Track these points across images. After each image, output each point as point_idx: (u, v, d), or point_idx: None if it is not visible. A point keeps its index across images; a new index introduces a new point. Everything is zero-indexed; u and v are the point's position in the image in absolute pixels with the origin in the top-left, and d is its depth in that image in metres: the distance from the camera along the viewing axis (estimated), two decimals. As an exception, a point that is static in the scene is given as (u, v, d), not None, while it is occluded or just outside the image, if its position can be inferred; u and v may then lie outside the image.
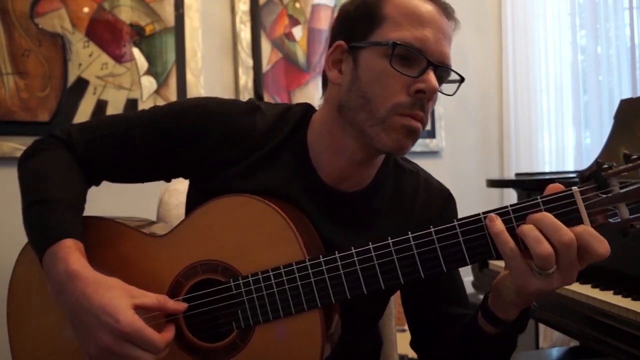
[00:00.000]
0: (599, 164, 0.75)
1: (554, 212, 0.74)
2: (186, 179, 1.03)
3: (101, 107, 2.17)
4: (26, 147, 1.00)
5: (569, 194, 0.75)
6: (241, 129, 0.95)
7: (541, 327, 2.44)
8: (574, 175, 1.79)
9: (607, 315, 1.25)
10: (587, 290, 1.36)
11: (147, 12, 2.26)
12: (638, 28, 2.47)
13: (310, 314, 0.84)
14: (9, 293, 0.99)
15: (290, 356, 0.85)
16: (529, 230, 0.73)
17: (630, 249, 1.36)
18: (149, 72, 2.26)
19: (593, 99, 2.62)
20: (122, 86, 2.21)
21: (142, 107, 2.22)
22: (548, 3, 2.82)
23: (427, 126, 2.97)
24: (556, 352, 2.11)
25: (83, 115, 2.13)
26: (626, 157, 0.74)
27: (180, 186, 1.36)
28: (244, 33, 2.43)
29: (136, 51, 2.24)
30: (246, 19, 2.44)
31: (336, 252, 0.84)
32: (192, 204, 1.00)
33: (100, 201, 0.98)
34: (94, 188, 1.02)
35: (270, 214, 0.87)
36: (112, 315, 0.78)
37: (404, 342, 1.99)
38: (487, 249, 0.78)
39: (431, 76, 0.86)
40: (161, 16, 2.28)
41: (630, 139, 1.57)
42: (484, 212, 0.78)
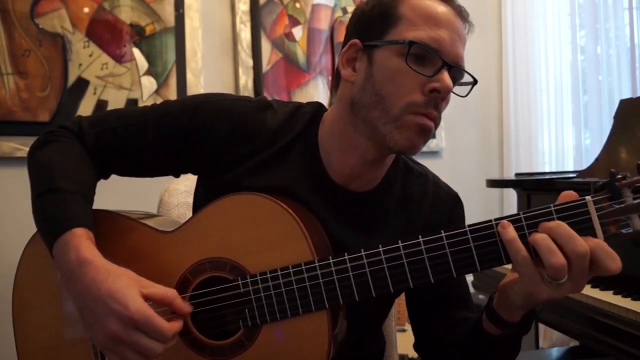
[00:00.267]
0: (613, 173, 0.74)
1: (566, 221, 0.74)
2: (195, 174, 1.03)
3: (101, 107, 2.17)
4: (37, 138, 1.00)
5: (582, 204, 0.74)
6: (252, 126, 0.95)
7: (541, 327, 2.44)
8: (574, 175, 1.79)
9: (607, 315, 1.24)
10: (587, 290, 1.36)
11: (147, 12, 2.26)
12: (638, 28, 2.47)
13: (317, 314, 0.84)
14: (14, 285, 0.99)
15: (297, 356, 0.85)
16: (542, 239, 0.73)
17: (630, 249, 1.36)
18: (149, 72, 2.26)
19: (593, 99, 2.62)
20: (122, 86, 2.21)
21: (142, 107, 2.22)
22: (548, 3, 2.82)
23: (427, 126, 2.97)
24: (556, 352, 2.11)
25: (83, 115, 2.13)
26: (639, 167, 0.74)
27: (180, 186, 1.36)
28: (244, 33, 2.44)
29: (136, 51, 2.24)
30: (246, 19, 2.44)
31: (346, 254, 0.83)
32: (201, 200, 1.00)
33: (100, 201, 0.98)
34: None
35: (280, 213, 0.87)
36: (121, 302, 0.78)
37: (404, 342, 1.99)
38: (497, 255, 0.77)
39: (446, 76, 0.86)
40: (161, 16, 2.29)
41: (630, 139, 1.57)
42: (495, 219, 0.78)
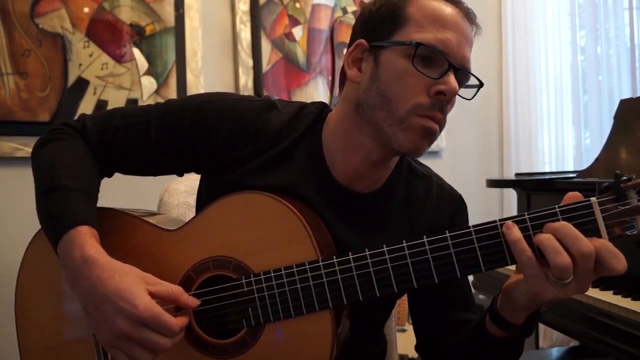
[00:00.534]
0: (618, 175, 0.75)
1: (571, 221, 0.74)
2: (198, 173, 1.03)
3: (101, 107, 2.17)
4: (40, 136, 1.00)
5: (587, 205, 0.75)
6: (256, 126, 0.95)
7: (541, 327, 2.44)
8: (574, 175, 1.79)
9: (607, 315, 1.25)
10: (587, 290, 1.36)
11: (147, 12, 2.26)
12: (638, 28, 2.47)
13: (321, 314, 0.84)
14: (17, 283, 0.99)
15: (300, 356, 0.85)
16: (547, 239, 0.73)
17: (631, 249, 1.36)
18: (149, 72, 2.26)
19: (593, 99, 2.62)
20: (122, 86, 2.21)
21: (142, 107, 2.22)
22: (548, 3, 2.82)
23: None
24: (556, 352, 2.11)
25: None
26: None
27: (180, 186, 1.35)
28: (244, 33, 2.44)
29: (136, 51, 2.24)
30: (246, 19, 2.44)
31: (350, 254, 0.83)
32: (204, 199, 1.00)
33: (101, 201, 0.97)
34: None
35: (284, 212, 0.87)
36: (129, 300, 0.78)
37: (404, 342, 1.99)
38: (502, 256, 0.77)
39: (452, 78, 0.86)
40: (161, 16, 2.29)
41: (630, 139, 1.57)
42: (500, 219, 0.78)
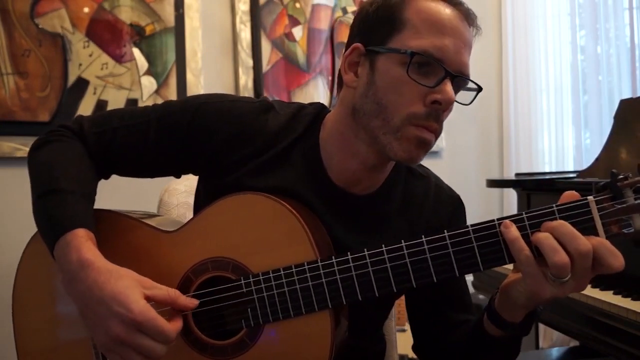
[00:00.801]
0: (614, 174, 0.75)
1: (568, 220, 0.74)
2: (196, 175, 1.03)
3: (101, 107, 2.17)
4: (37, 138, 1.00)
5: (584, 203, 0.75)
6: (254, 128, 0.95)
7: (541, 327, 2.44)
8: (574, 175, 1.79)
9: (607, 315, 1.25)
10: (587, 290, 1.36)
11: (147, 12, 2.26)
12: (638, 28, 2.47)
13: (320, 314, 0.84)
14: (14, 285, 0.99)
15: (299, 356, 0.85)
16: (545, 238, 0.73)
17: (631, 249, 1.36)
18: (149, 72, 2.26)
19: (593, 99, 2.62)
20: (122, 86, 2.21)
21: (142, 107, 2.22)
22: (548, 3, 2.82)
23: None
24: (556, 352, 2.11)
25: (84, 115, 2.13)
26: None
27: (180, 186, 1.35)
28: (244, 33, 2.44)
29: (136, 51, 2.24)
30: (246, 19, 2.44)
31: (349, 254, 0.83)
32: (202, 201, 1.00)
33: (100, 201, 0.97)
34: None
35: (283, 212, 0.87)
36: (124, 304, 0.78)
37: (404, 342, 1.99)
38: (500, 255, 0.78)
39: (448, 87, 0.85)
40: (161, 16, 2.29)
41: (630, 139, 1.57)
42: (498, 218, 0.78)
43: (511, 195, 2.75)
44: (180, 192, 1.33)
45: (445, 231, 0.80)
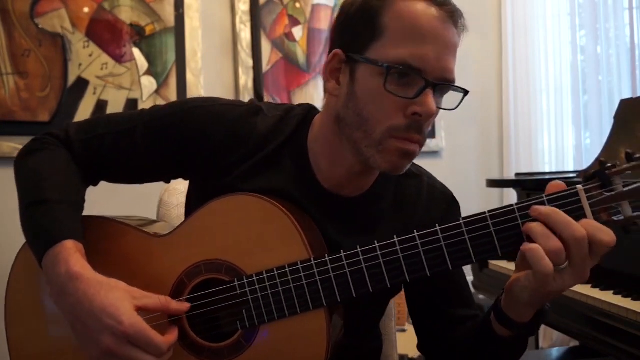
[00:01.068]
0: (603, 162, 0.76)
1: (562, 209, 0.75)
2: (186, 180, 1.02)
3: (101, 107, 2.17)
4: (22, 146, 0.99)
5: (573, 192, 0.76)
6: (243, 131, 0.94)
7: (541, 327, 2.43)
8: (574, 175, 1.79)
9: (607, 315, 1.25)
10: (587, 290, 1.36)
11: (147, 12, 2.26)
12: (638, 28, 2.47)
13: (315, 313, 0.84)
14: (6, 293, 0.98)
15: (296, 356, 0.85)
16: (536, 226, 0.74)
17: (630, 249, 1.36)
18: (149, 72, 2.26)
19: (593, 99, 2.62)
20: (122, 86, 2.21)
21: (142, 107, 2.22)
22: (548, 3, 2.82)
23: (427, 126, 2.96)
24: (556, 352, 2.11)
25: (83, 115, 2.13)
26: (628, 156, 0.75)
27: (180, 186, 1.36)
28: (244, 33, 2.44)
29: (136, 51, 2.24)
30: (246, 19, 2.44)
31: (342, 251, 0.84)
32: (193, 205, 0.99)
33: (99, 202, 0.98)
34: (92, 189, 1.02)
35: (275, 213, 0.87)
36: (114, 317, 0.77)
37: (404, 342, 1.99)
38: (492, 247, 0.78)
39: (428, 98, 0.82)
40: (161, 16, 2.29)
41: (630, 139, 1.57)
42: (489, 211, 0.78)
43: (511, 195, 2.75)
44: (180, 192, 1.34)
45: (437, 225, 0.80)
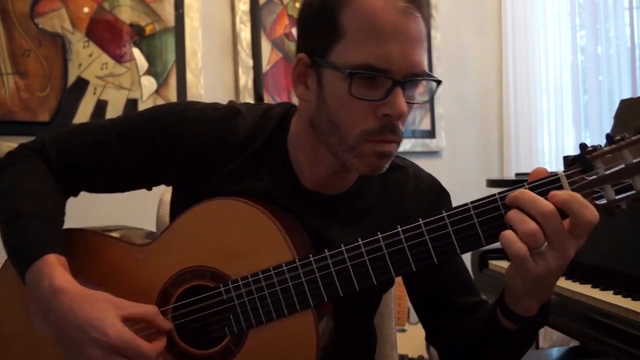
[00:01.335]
0: (583, 146, 0.75)
1: (543, 197, 0.74)
2: (168, 186, 1.01)
3: (101, 107, 2.17)
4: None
5: (555, 179, 0.75)
6: (221, 135, 0.92)
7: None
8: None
9: (607, 315, 1.24)
10: (587, 290, 1.36)
11: (147, 12, 2.26)
12: (638, 28, 2.47)
13: (303, 314, 0.83)
14: None
15: (286, 357, 0.84)
16: (511, 213, 0.73)
17: (631, 249, 1.36)
18: (149, 72, 2.26)
19: (593, 99, 2.62)
20: (122, 86, 2.21)
21: (142, 107, 2.21)
22: (548, 3, 2.82)
23: (427, 126, 2.97)
24: (556, 352, 2.11)
25: (83, 115, 2.13)
26: (609, 138, 0.74)
27: (180, 186, 1.35)
28: (244, 33, 2.44)
29: (136, 51, 2.24)
30: (246, 19, 2.44)
31: (326, 250, 0.83)
32: (176, 211, 0.97)
33: (99, 203, 0.97)
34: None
35: (257, 215, 0.86)
36: (99, 329, 0.77)
37: (404, 342, 1.99)
38: (477, 238, 0.78)
39: (397, 98, 0.80)
40: (161, 16, 2.29)
41: (630, 139, 1.57)
42: (472, 202, 0.78)
43: (511, 195, 2.75)
44: (180, 192, 1.33)
45: (420, 219, 0.79)
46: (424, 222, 0.79)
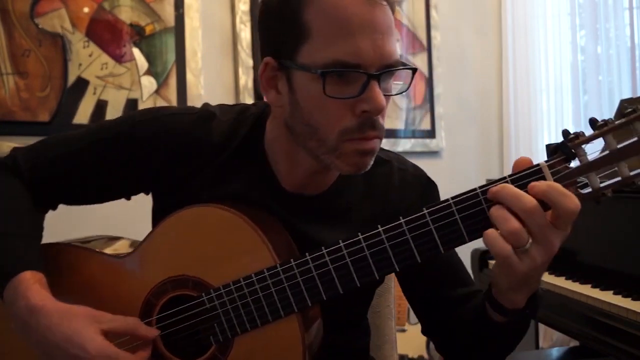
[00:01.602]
0: (565, 133, 0.72)
1: (524, 189, 0.71)
2: (147, 194, 0.99)
3: (101, 107, 2.17)
4: None
5: (537, 170, 0.72)
6: (196, 140, 0.91)
7: (541, 327, 2.44)
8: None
9: (607, 315, 1.25)
10: (587, 290, 1.36)
11: (147, 12, 2.26)
12: (638, 28, 2.47)
13: (287, 320, 0.82)
14: None
15: None
16: (494, 210, 0.71)
17: (631, 249, 1.36)
18: (149, 72, 2.26)
19: (593, 99, 2.62)
20: (122, 86, 2.21)
21: (143, 107, 2.22)
22: (548, 3, 2.82)
23: (427, 126, 2.97)
24: (556, 352, 2.11)
25: (83, 115, 2.13)
26: (592, 123, 0.71)
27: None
28: (244, 33, 2.43)
29: (136, 51, 2.24)
30: (246, 19, 2.44)
31: (307, 254, 0.81)
32: (158, 219, 0.95)
33: (98, 205, 0.97)
34: None
35: (235, 221, 0.84)
36: (79, 345, 0.76)
37: (404, 342, 1.99)
38: (459, 234, 0.75)
39: (374, 92, 0.77)
40: (161, 16, 2.28)
41: (630, 139, 1.57)
42: (452, 197, 0.75)
43: (511, 195, 2.75)
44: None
45: (401, 217, 0.77)
46: (404, 220, 0.77)
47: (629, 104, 1.64)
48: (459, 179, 2.76)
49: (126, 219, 1.56)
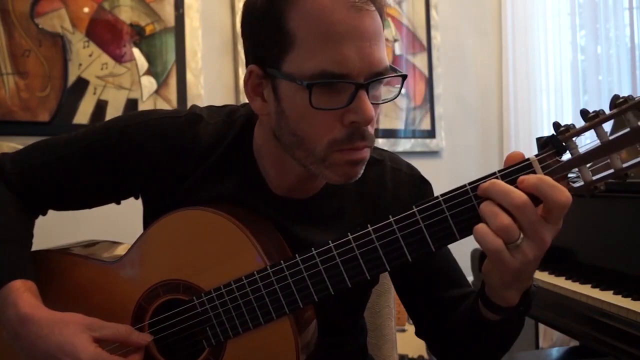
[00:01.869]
0: (556, 125, 0.71)
1: (514, 184, 0.70)
2: (137, 199, 0.99)
3: (101, 107, 2.17)
4: None
5: (527, 164, 0.71)
6: (184, 143, 0.90)
7: (541, 327, 2.43)
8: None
9: (607, 315, 1.25)
10: (587, 290, 1.36)
11: (147, 12, 2.26)
12: (638, 28, 2.47)
13: (280, 321, 0.82)
14: None
15: None
16: (484, 206, 0.70)
17: (630, 248, 1.36)
18: (149, 72, 2.26)
19: (593, 99, 2.62)
20: (122, 86, 2.21)
21: (142, 107, 2.22)
22: (548, 3, 2.82)
23: (427, 126, 2.97)
24: (556, 352, 2.11)
25: (83, 115, 2.13)
26: (583, 114, 0.69)
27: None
28: (244, 33, 2.43)
29: (136, 51, 2.24)
30: (246, 19, 2.44)
31: (297, 256, 0.80)
32: (148, 223, 0.94)
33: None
34: None
35: (224, 224, 0.84)
36: (71, 354, 0.76)
37: (404, 342, 1.99)
38: (450, 232, 0.74)
39: (362, 102, 0.75)
40: (161, 16, 2.29)
41: (630, 139, 1.57)
42: (442, 194, 0.74)
43: (511, 195, 2.75)
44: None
45: (390, 216, 0.75)
46: (394, 219, 0.75)
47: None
48: (459, 179, 2.74)
49: (124, 222, 1.56)
